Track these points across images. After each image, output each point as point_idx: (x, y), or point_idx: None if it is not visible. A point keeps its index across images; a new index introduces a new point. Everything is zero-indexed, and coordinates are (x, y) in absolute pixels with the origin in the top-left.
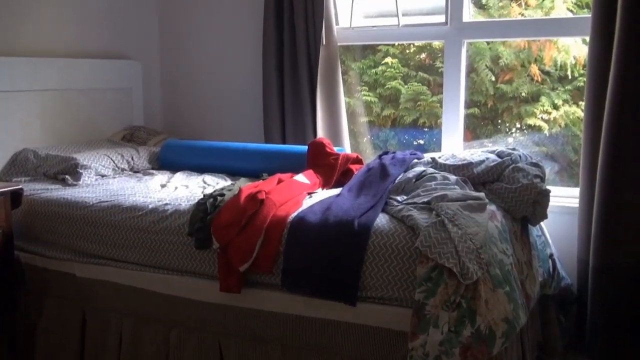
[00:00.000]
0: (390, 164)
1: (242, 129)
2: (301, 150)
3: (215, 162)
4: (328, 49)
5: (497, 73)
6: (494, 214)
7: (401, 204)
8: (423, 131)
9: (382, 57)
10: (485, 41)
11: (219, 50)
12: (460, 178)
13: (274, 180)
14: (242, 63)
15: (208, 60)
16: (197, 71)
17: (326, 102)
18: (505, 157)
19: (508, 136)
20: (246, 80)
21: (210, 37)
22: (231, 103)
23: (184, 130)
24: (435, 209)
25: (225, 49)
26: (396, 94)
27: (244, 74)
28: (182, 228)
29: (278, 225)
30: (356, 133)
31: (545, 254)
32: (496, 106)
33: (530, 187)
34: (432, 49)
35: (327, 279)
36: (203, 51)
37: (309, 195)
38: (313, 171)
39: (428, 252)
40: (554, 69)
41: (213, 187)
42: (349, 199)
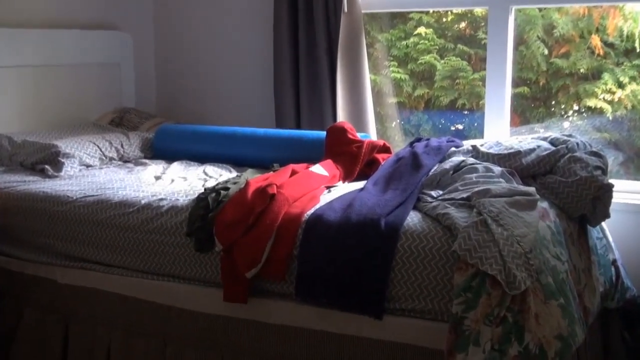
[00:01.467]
0: (424, 152)
1: (249, 112)
2: (318, 137)
3: (218, 150)
4: (350, 18)
5: (550, 45)
6: (546, 212)
7: (436, 200)
8: (462, 114)
9: (414, 27)
10: (537, 7)
11: (222, 20)
12: (506, 170)
13: (286, 172)
14: (250, 35)
15: (210, 32)
16: (197, 44)
17: (348, 80)
18: (560, 145)
19: (563, 120)
20: (254, 55)
21: (212, 6)
22: (237, 81)
23: (182, 113)
24: (477, 206)
25: (230, 18)
26: (431, 71)
27: (252, 48)
28: (180, 227)
29: (291, 224)
30: (383, 116)
31: (607, 260)
32: (549, 85)
33: (589, 181)
34: (474, 17)
35: (348, 287)
36: (204, 21)
37: (327, 190)
38: (332, 161)
39: (467, 256)
40: (619, 41)
41: (216, 179)
42: (375, 194)
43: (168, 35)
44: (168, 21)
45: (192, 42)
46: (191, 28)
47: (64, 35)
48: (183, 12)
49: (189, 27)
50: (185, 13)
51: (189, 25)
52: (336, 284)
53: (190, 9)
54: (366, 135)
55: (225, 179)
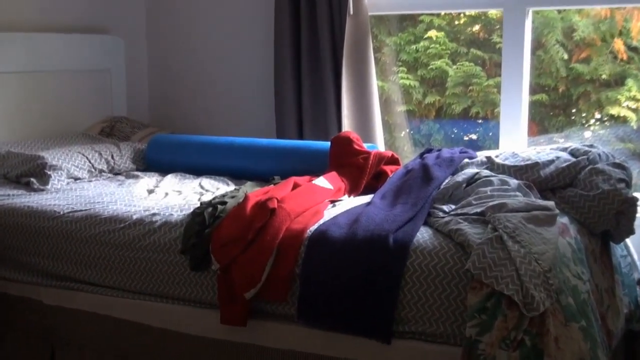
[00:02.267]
0: (435, 164)
1: (248, 121)
2: (322, 148)
3: (215, 161)
4: (356, 20)
5: (570, 50)
6: (566, 228)
7: (448, 215)
8: (476, 123)
9: (425, 30)
10: (555, 9)
11: (220, 23)
12: (523, 183)
13: (288, 185)
14: (249, 39)
15: (206, 36)
16: (192, 49)
17: (354, 86)
18: (581, 157)
19: (584, 129)
20: (254, 61)
21: (209, 7)
22: (235, 89)
23: (177, 123)
24: (492, 221)
25: (228, 22)
26: (442, 77)
27: (251, 53)
28: (174, 244)
29: (293, 241)
30: (392, 126)
31: (632, 280)
32: (569, 91)
33: (612, 194)
34: (488, 19)
35: (354, 309)
36: (200, 24)
37: (332, 204)
38: (337, 173)
39: (482, 276)
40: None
41: (212, 193)
42: (383, 208)
43: (162, 40)
44: (162, 24)
45: (187, 46)
46: (186, 31)
47: (51, 39)
48: (178, 14)
49: (184, 31)
50: (181, 15)
51: (184, 28)
52: (341, 306)
53: (186, 10)
54: (373, 146)
55: (223, 192)
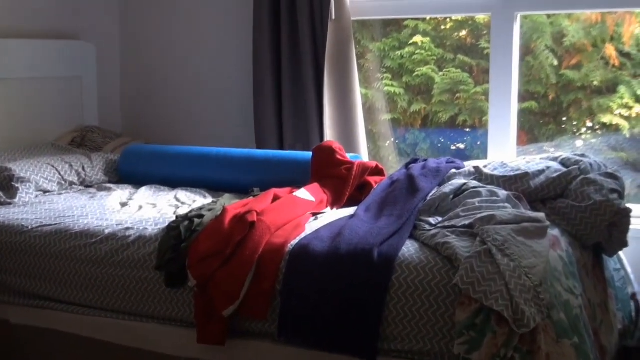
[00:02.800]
0: (421, 175)
1: (226, 131)
2: (304, 158)
3: (192, 173)
4: (339, 26)
5: (560, 56)
6: (557, 240)
7: (435, 228)
8: (463, 132)
9: (410, 36)
10: (544, 14)
11: (196, 28)
12: (512, 194)
13: (268, 197)
14: (227, 45)
15: (182, 42)
16: (168, 55)
17: (336, 94)
18: (572, 166)
19: (576, 138)
20: (232, 68)
21: (185, 11)
22: (212, 97)
23: (151, 132)
24: (480, 234)
25: (205, 27)
26: (428, 84)
27: (229, 60)
28: (149, 260)
29: (274, 255)
30: (376, 135)
31: (626, 294)
32: (560, 99)
33: (604, 205)
34: (475, 24)
35: (337, 326)
36: (176, 30)
37: (314, 217)
38: (319, 185)
39: (470, 291)
40: (636, 50)
41: (189, 206)
42: (367, 221)
43: (136, 45)
44: (136, 29)
45: (162, 52)
46: (162, 37)
47: (18, 45)
48: (153, 19)
49: (159, 36)
50: (156, 20)
51: (159, 33)
52: (324, 323)
53: (161, 15)
54: (357, 156)
55: (200, 205)
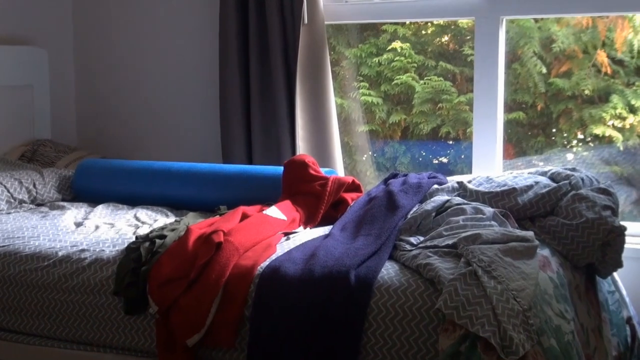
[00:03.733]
0: (401, 191)
1: (190, 144)
2: (274, 173)
3: (153, 190)
4: (311, 30)
5: (549, 63)
6: (547, 261)
7: (416, 248)
8: (446, 144)
9: (388, 41)
10: (532, 18)
11: (157, 33)
12: (499, 211)
13: (235, 216)
14: (191, 53)
15: (142, 49)
16: (127, 63)
17: (309, 104)
18: (563, 181)
19: (566, 151)
20: (196, 77)
21: (146, 16)
22: (175, 108)
23: (108, 146)
24: (465, 254)
25: (167, 32)
26: (408, 93)
27: (193, 67)
28: (106, 284)
29: (242, 279)
30: (352, 148)
31: (621, 318)
32: (549, 109)
33: (597, 223)
34: (458, 29)
35: (311, 355)
36: (136, 35)
37: (285, 237)
38: (291, 202)
39: (455, 316)
40: (629, 57)
41: (149, 225)
42: (343, 241)
43: (92, 52)
44: (92, 35)
45: (121, 60)
46: (120, 43)
47: None
48: (111, 23)
49: (117, 42)
50: (114, 24)
51: (117, 39)
52: (297, 352)
53: (120, 20)
54: (332, 171)
55: (161, 224)
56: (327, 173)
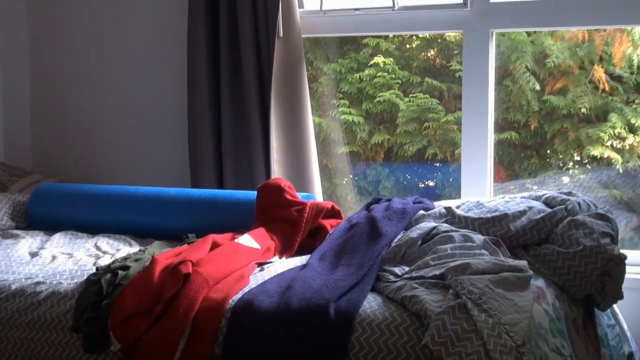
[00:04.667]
0: (384, 217)
1: (156, 167)
2: (247, 199)
3: (115, 216)
4: (287, 44)
5: (543, 79)
6: (541, 292)
7: (401, 279)
8: (433, 167)
9: (370, 56)
10: (524, 31)
11: (121, 50)
12: (489, 238)
13: (205, 245)
14: (156, 67)
15: (104, 63)
16: (87, 80)
17: (285, 124)
18: (558, 206)
19: (562, 174)
20: (163, 94)
21: (107, 27)
22: (139, 128)
23: (67, 169)
24: (453, 285)
25: (131, 49)
26: (392, 111)
27: (160, 84)
28: (64, 320)
29: (212, 314)
30: (331, 171)
31: (622, 354)
32: (543, 128)
33: (595, 252)
34: (445, 43)
35: None
36: (97, 49)
37: (259, 267)
38: (265, 230)
39: (443, 352)
40: (628, 73)
41: (111, 255)
42: (322, 272)
43: (49, 68)
44: (49, 50)
45: (80, 76)
46: (80, 59)
47: None
48: (70, 38)
49: (77, 58)
50: (73, 39)
51: (77, 55)
52: None
53: (79, 34)
54: (309, 196)
55: (124, 254)
56: (305, 198)
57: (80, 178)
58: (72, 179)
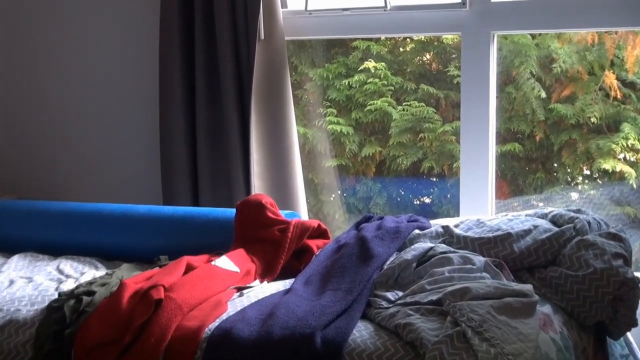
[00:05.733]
0: (375, 237)
1: (124, 183)
2: (225, 217)
3: (79, 236)
4: (269, 47)
5: (549, 86)
6: (548, 319)
7: (394, 305)
8: (429, 182)
9: (360, 60)
10: (527, 33)
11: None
12: (491, 260)
13: (178, 268)
14: (125, 71)
15: (66, 67)
16: (48, 87)
17: (267, 135)
18: (566, 225)
19: (570, 189)
20: (132, 101)
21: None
22: (106, 139)
23: (27, 186)
24: (451, 312)
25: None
26: (384, 121)
27: (128, 91)
28: (22, 351)
29: (187, 344)
30: (318, 186)
31: None
32: (549, 140)
33: (607, 274)
34: (443, 46)
35: None
36: (58, 52)
37: (238, 292)
38: (245, 251)
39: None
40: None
41: (75, 279)
42: (307, 297)
43: (7, 78)
44: (6, 58)
45: (40, 83)
46: (39, 63)
47: None
48: (30, 45)
49: (37, 66)
50: (33, 46)
51: (37, 62)
52: None
53: (40, 41)
54: (293, 214)
55: (90, 278)
56: (288, 216)
57: (41, 195)
58: (32, 196)
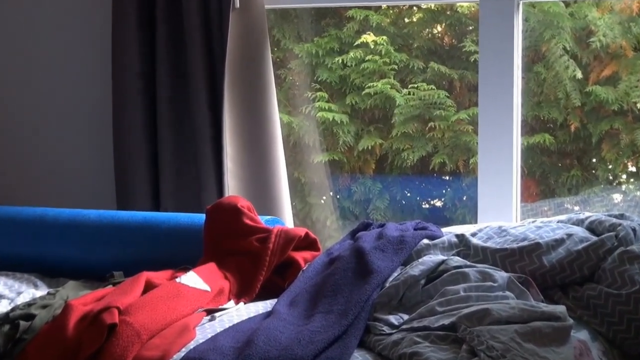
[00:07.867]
0: (375, 248)
1: (71, 184)
2: (192, 224)
3: (16, 248)
4: (246, 17)
5: (587, 64)
6: (585, 348)
7: (398, 331)
8: (441, 180)
9: (357, 33)
10: (561, 0)
11: (26, 39)
12: (516, 276)
13: (136, 286)
14: (70, 50)
15: (6, 57)
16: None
17: (243, 124)
18: (606, 234)
19: (611, 190)
20: (79, 86)
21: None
22: (49, 134)
23: None
24: (468, 339)
25: (38, 33)
26: (386, 107)
27: (75, 74)
28: None
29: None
30: (305, 186)
31: None
32: (587, 130)
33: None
34: (457, 16)
35: None
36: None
37: (209, 316)
38: (217, 266)
39: None
40: None
41: (10, 300)
42: (293, 322)
43: None
44: None
45: None
46: None
47: None
48: None
49: None
50: None
51: None
52: None
53: None
54: (276, 220)
55: (28, 299)
56: (269, 223)
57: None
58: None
